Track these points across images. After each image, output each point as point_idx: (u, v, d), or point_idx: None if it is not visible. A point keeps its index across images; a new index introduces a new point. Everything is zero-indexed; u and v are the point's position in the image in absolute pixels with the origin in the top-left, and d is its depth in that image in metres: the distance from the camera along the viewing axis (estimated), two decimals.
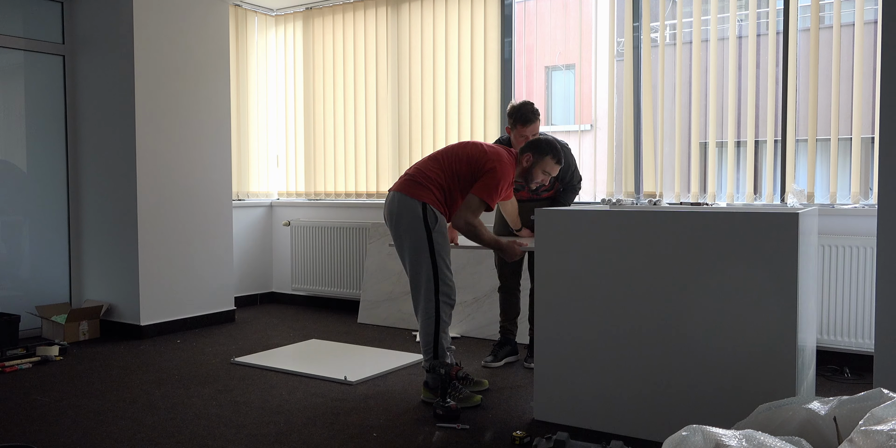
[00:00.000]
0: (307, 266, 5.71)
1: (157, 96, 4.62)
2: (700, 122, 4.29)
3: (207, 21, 4.92)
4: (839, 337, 3.76)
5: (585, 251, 2.85)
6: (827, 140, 3.98)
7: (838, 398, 1.63)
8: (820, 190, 4.14)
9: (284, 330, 4.84)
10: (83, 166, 4.79)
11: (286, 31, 5.96)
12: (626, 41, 4.49)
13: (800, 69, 4.05)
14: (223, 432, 2.83)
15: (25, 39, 4.61)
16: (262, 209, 5.94)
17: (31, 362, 3.88)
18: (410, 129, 5.30)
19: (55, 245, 4.82)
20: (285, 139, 6.00)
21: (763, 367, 2.52)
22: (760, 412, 1.73)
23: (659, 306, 2.71)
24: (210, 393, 3.36)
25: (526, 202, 3.84)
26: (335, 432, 2.84)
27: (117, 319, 4.65)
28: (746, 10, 4.15)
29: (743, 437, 1.41)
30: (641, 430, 2.75)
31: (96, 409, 3.12)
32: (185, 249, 4.81)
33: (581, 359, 2.88)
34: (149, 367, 3.86)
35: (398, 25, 5.34)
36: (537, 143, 3.33)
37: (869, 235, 3.65)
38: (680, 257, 2.66)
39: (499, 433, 2.84)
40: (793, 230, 2.48)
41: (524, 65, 5.10)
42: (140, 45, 4.52)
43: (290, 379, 3.61)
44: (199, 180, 4.89)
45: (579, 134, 4.77)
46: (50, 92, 4.77)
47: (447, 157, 3.25)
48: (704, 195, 4.30)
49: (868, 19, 3.85)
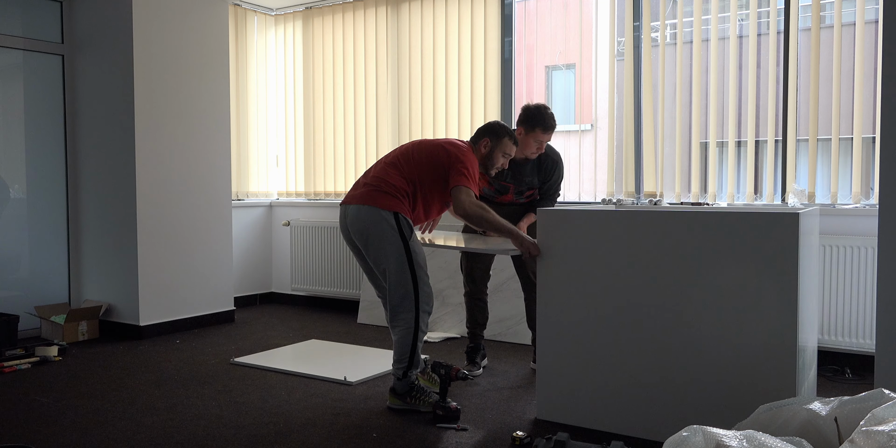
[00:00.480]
0: (307, 266, 5.70)
1: (157, 96, 4.61)
2: (701, 121, 4.28)
3: (207, 20, 4.91)
4: (840, 337, 3.76)
5: (586, 251, 2.85)
6: (828, 140, 3.97)
7: (839, 398, 1.63)
8: (821, 190, 4.13)
9: (284, 330, 4.83)
10: (82, 166, 4.78)
11: (286, 30, 5.95)
12: (626, 41, 4.49)
13: (801, 69, 4.05)
14: (222, 433, 2.82)
15: (24, 39, 4.60)
16: (261, 209, 5.93)
17: (30, 363, 3.87)
18: (410, 128, 5.29)
19: (54, 245, 4.82)
20: (285, 139, 6.00)
21: (764, 368, 2.51)
22: (761, 412, 1.72)
23: (660, 306, 2.70)
24: (209, 393, 3.36)
25: (507, 205, 3.71)
26: (335, 433, 2.83)
27: (116, 320, 4.64)
28: (747, 10, 4.14)
29: (744, 438, 1.40)
30: (642, 430, 2.74)
31: (95, 410, 3.11)
32: (184, 249, 4.80)
33: (582, 359, 2.87)
34: (148, 367, 3.86)
35: (398, 25, 5.33)
36: (491, 127, 3.23)
37: (870, 235, 3.64)
38: (681, 257, 2.66)
39: (499, 433, 2.83)
40: (794, 230, 2.47)
41: (524, 64, 5.08)
42: (139, 44, 4.51)
43: (290, 379, 3.60)
44: (198, 180, 4.88)
45: (580, 134, 4.76)
46: (49, 92, 4.76)
47: (405, 161, 3.10)
48: (705, 195, 4.29)
49: (869, 19, 3.84)
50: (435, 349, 4.26)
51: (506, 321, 4.45)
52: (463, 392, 3.38)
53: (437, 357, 4.02)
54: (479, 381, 3.58)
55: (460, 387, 3.45)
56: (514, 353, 4.14)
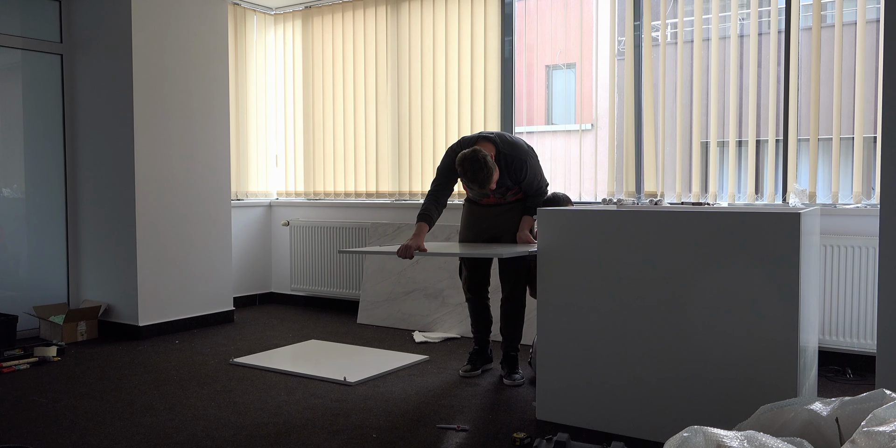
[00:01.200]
0: (306, 266, 5.69)
1: (156, 95, 4.60)
2: (701, 121, 4.27)
3: (206, 20, 4.89)
4: (841, 337, 3.75)
5: (586, 251, 2.84)
6: (829, 139, 3.96)
7: (840, 399, 1.61)
8: (822, 190, 4.12)
9: (283, 330, 4.82)
10: (81, 165, 4.77)
11: (285, 29, 5.94)
12: (627, 40, 4.47)
13: (801, 68, 4.04)
14: (222, 433, 2.82)
15: (23, 38, 4.59)
16: (261, 209, 5.92)
17: (29, 363, 3.86)
18: (410, 128, 5.28)
19: (53, 245, 4.80)
20: (284, 138, 5.98)
21: (765, 368, 2.51)
22: (762, 413, 1.71)
23: (660, 306, 2.70)
24: (209, 394, 3.35)
25: (495, 206, 3.66)
26: (334, 433, 2.82)
27: (115, 320, 4.63)
28: (748, 9, 4.13)
29: (745, 439, 1.39)
30: (643, 430, 2.74)
31: (94, 410, 3.10)
32: (183, 249, 4.79)
33: (583, 359, 2.87)
34: (147, 367, 3.85)
35: (398, 24, 5.32)
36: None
37: (871, 235, 3.64)
38: (681, 257, 2.65)
39: (500, 433, 2.82)
40: (794, 230, 2.47)
41: (524, 64, 5.07)
42: (138, 43, 4.50)
43: (289, 380, 3.59)
44: (197, 180, 4.86)
45: (580, 133, 4.75)
46: (48, 91, 4.75)
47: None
48: (706, 195, 4.28)
49: (870, 18, 3.83)
50: (435, 349, 4.25)
51: None
52: (463, 392, 3.37)
53: (437, 357, 4.02)
54: (479, 381, 3.57)
55: (461, 387, 3.44)
56: None
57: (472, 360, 3.75)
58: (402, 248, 3.28)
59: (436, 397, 3.29)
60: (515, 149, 3.51)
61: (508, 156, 3.48)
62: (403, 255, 3.27)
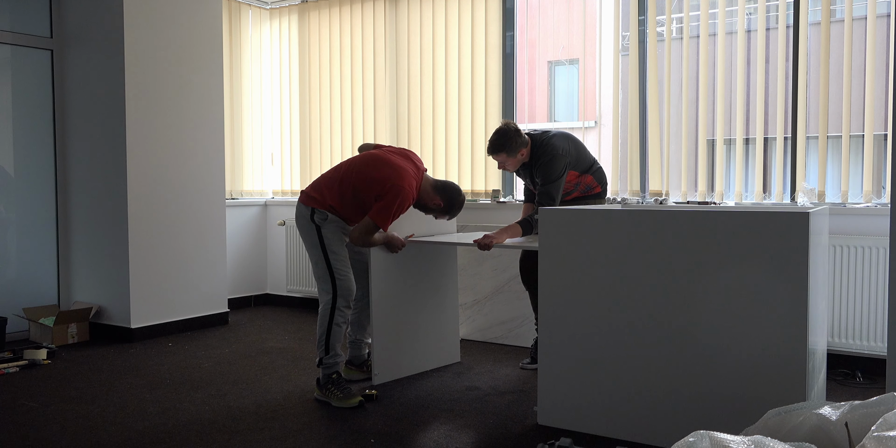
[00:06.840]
0: (302, 267, 5.62)
1: (148, 91, 4.54)
2: (707, 118, 4.24)
3: (200, 14, 4.83)
4: (851, 340, 3.72)
5: (590, 252, 2.82)
6: (838, 137, 3.93)
7: (850, 403, 1.61)
8: (831, 188, 4.11)
9: (279, 333, 4.77)
10: (72, 163, 4.70)
11: (281, 24, 5.88)
12: (631, 35, 4.44)
13: (810, 64, 4.00)
14: (216, 438, 2.79)
15: (12, 33, 4.53)
16: (256, 208, 5.86)
17: (19, 366, 3.81)
18: (409, 125, 5.22)
19: (43, 245, 4.73)
20: (280, 136, 5.93)
21: (772, 371, 2.50)
22: (770, 417, 1.70)
23: (665, 308, 2.67)
24: (203, 397, 3.32)
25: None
26: (331, 438, 2.79)
27: (107, 322, 4.57)
28: (755, 4, 4.09)
29: (752, 443, 1.39)
30: (647, 435, 2.71)
31: (85, 415, 3.07)
32: (176, 250, 4.72)
33: (586, 362, 2.84)
34: (139, 370, 3.80)
35: (397, 19, 5.26)
36: (452, 200, 3.41)
37: (881, 235, 3.61)
38: (687, 258, 2.64)
39: (501, 438, 2.78)
40: (803, 230, 2.46)
41: (526, 59, 5.02)
42: (130, 38, 4.43)
43: (285, 383, 3.54)
44: (191, 178, 4.80)
45: (583, 130, 4.70)
46: (37, 87, 4.68)
47: (348, 178, 3.30)
48: (712, 194, 4.26)
49: (881, 13, 3.79)
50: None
51: (507, 323, 4.37)
52: (464, 396, 3.33)
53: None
54: (480, 385, 3.51)
55: (461, 392, 3.41)
56: (517, 356, 4.08)
57: (532, 353, 3.83)
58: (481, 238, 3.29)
59: (434, 402, 3.25)
60: (543, 148, 3.57)
61: (534, 155, 3.59)
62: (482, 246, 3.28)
